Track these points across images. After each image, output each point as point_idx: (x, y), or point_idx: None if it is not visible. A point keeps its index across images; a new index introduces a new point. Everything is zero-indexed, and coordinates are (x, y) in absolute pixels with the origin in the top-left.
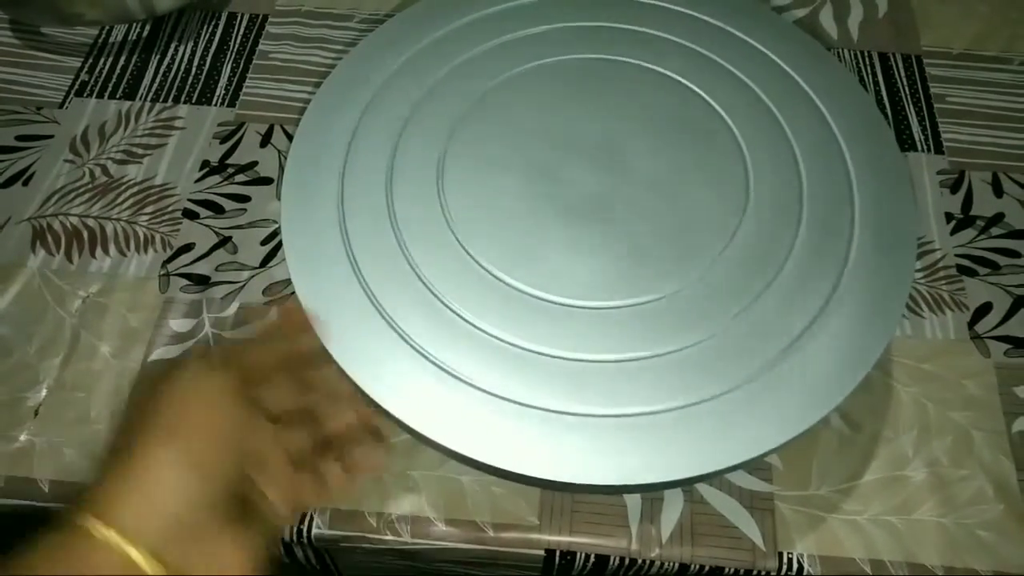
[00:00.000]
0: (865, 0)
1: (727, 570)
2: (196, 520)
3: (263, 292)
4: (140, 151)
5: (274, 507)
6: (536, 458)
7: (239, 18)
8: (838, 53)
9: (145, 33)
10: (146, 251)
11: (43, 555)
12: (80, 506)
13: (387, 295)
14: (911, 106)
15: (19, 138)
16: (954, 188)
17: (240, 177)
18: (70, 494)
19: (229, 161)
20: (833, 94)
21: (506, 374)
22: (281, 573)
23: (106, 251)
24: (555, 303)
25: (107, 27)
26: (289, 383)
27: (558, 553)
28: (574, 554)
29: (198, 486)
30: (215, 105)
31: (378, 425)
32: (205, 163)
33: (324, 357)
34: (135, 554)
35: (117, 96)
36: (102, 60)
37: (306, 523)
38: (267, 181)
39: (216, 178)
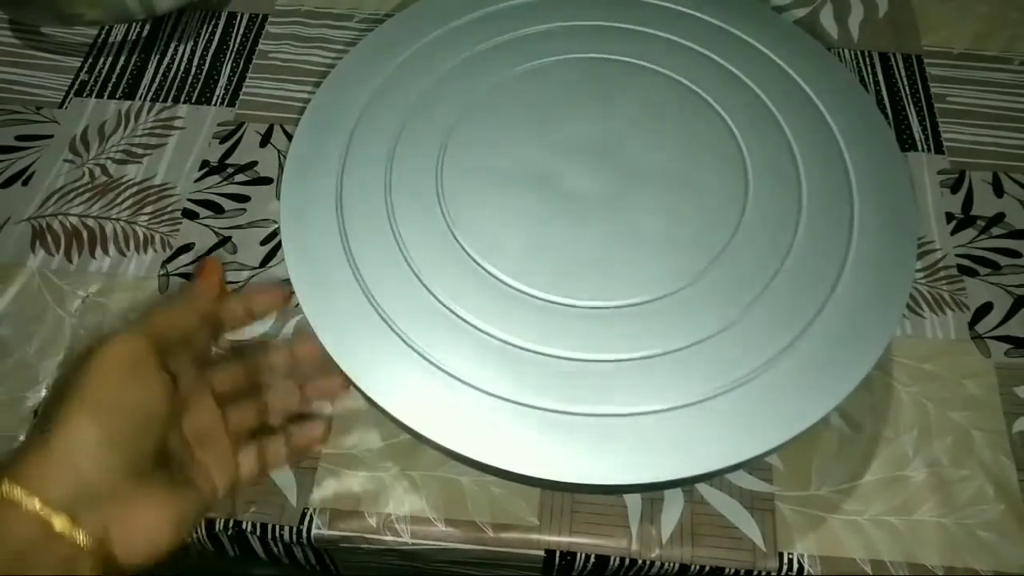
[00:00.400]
0: (865, 0)
1: (727, 570)
2: (115, 485)
3: None
4: (140, 151)
5: (210, 480)
6: (536, 458)
7: (239, 18)
8: (838, 53)
9: (145, 33)
10: (146, 251)
11: None
12: (0, 472)
13: (386, 295)
14: (911, 106)
15: (19, 138)
16: (954, 188)
17: (240, 177)
18: None
19: (229, 161)
20: (833, 94)
21: (506, 374)
22: (191, 558)
23: (106, 251)
24: (555, 303)
25: (107, 27)
26: (233, 363)
27: (558, 553)
28: (574, 554)
29: (114, 453)
30: (215, 105)
31: (335, 380)
32: (205, 163)
33: (246, 320)
34: (52, 517)
35: (117, 96)
36: (102, 60)
37: (306, 523)
38: (267, 181)
39: (216, 178)
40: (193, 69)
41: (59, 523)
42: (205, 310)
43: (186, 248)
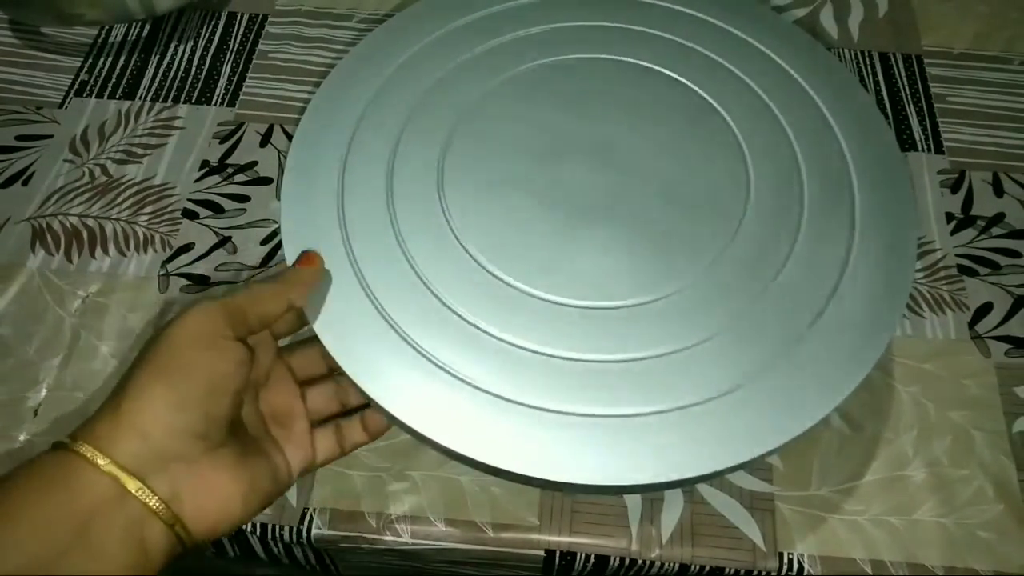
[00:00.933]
0: (865, 0)
1: (727, 570)
2: (184, 449)
3: None
4: (140, 151)
5: (285, 458)
6: (536, 458)
7: (239, 18)
8: (838, 53)
9: (145, 33)
10: (146, 251)
11: (34, 474)
12: (73, 434)
13: (387, 295)
14: (911, 106)
15: (19, 138)
16: (954, 188)
17: (240, 177)
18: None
19: (229, 161)
20: (833, 94)
21: (506, 374)
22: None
23: (106, 251)
24: (555, 303)
25: (107, 27)
26: (316, 346)
27: (558, 553)
28: (574, 554)
29: (183, 415)
30: (215, 105)
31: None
32: (205, 163)
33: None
34: (124, 478)
35: (117, 96)
36: (102, 60)
37: (306, 523)
38: (267, 181)
39: (216, 178)
40: (193, 69)
41: (130, 483)
42: (296, 296)
43: (186, 248)
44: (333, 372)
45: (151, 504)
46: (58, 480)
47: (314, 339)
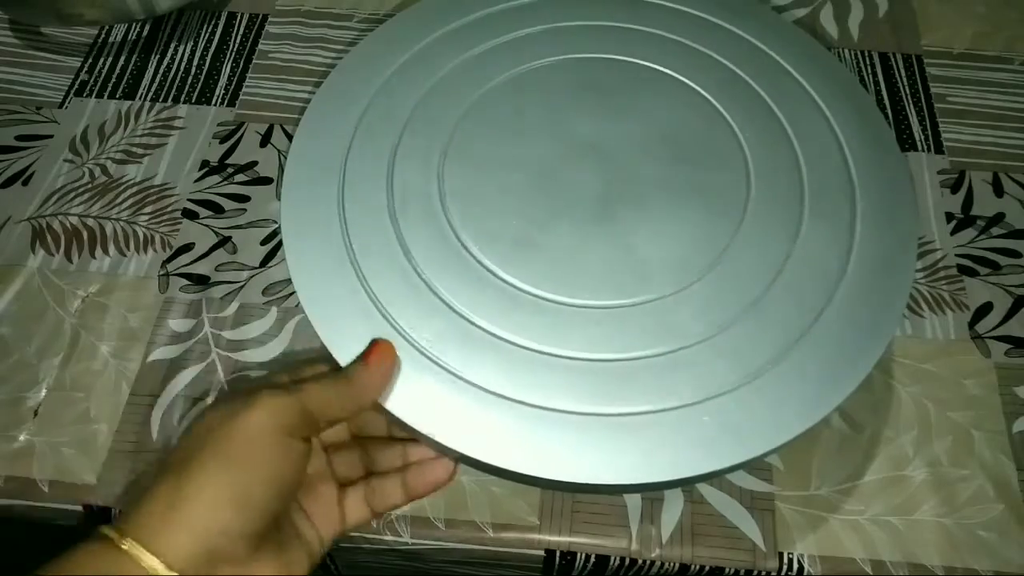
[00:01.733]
0: (865, 0)
1: (727, 570)
2: (235, 551)
3: (263, 292)
4: (140, 151)
5: (315, 529)
6: (536, 458)
7: (239, 18)
8: (838, 53)
9: (145, 33)
10: (146, 251)
11: (76, 568)
12: (118, 524)
13: (387, 294)
14: (911, 106)
15: (19, 138)
16: (954, 188)
17: (240, 177)
18: (69, 494)
19: (229, 161)
20: (833, 94)
21: (506, 373)
22: None
23: (106, 251)
24: (555, 302)
25: (107, 27)
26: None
27: (558, 553)
28: (574, 554)
29: (243, 517)
30: (215, 105)
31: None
32: (205, 163)
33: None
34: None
35: (117, 96)
36: (102, 60)
37: None
38: (267, 181)
39: (216, 178)
40: (193, 69)
41: None
42: (363, 404)
43: (186, 248)
44: (356, 439)
45: None
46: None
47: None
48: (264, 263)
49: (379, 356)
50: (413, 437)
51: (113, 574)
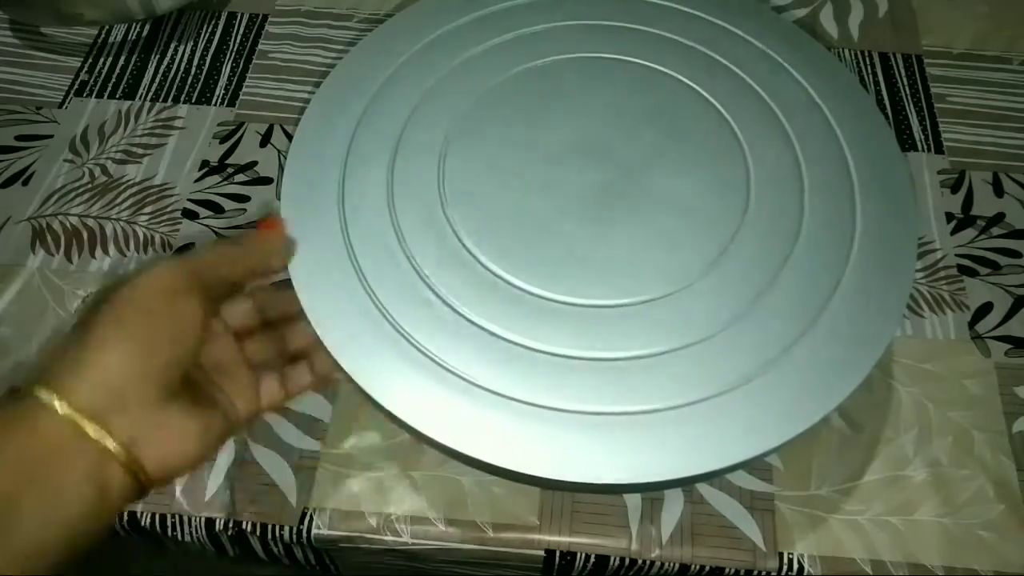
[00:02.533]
0: (865, 0)
1: (727, 570)
2: (144, 396)
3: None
4: (140, 151)
5: (234, 407)
6: (536, 458)
7: (239, 18)
8: (838, 53)
9: (145, 33)
10: (146, 251)
11: None
12: (31, 380)
13: (387, 293)
14: (911, 106)
15: (19, 138)
16: (955, 188)
17: (240, 177)
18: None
19: (229, 161)
20: (833, 94)
21: (506, 373)
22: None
23: (106, 251)
24: (555, 301)
25: (107, 27)
26: (248, 300)
27: (558, 553)
28: (574, 554)
29: (145, 364)
30: (215, 105)
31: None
32: (205, 163)
33: (285, 283)
34: (83, 422)
35: (117, 96)
36: (102, 60)
37: (306, 523)
38: (267, 181)
39: (216, 178)
40: (193, 69)
41: (89, 427)
42: (254, 265)
43: (186, 248)
44: (268, 323)
45: (110, 447)
46: (13, 425)
47: (247, 292)
48: None
49: (269, 223)
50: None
51: (18, 414)
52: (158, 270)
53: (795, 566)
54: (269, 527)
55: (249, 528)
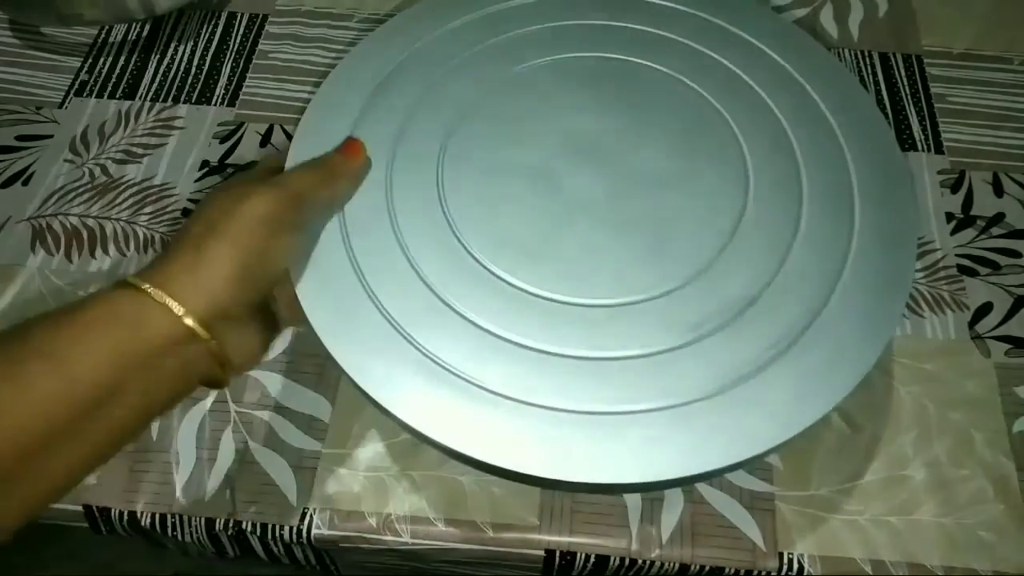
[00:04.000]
0: (865, 0)
1: (727, 570)
2: (237, 312)
3: None
4: (140, 151)
5: (280, 315)
6: (536, 458)
7: (239, 18)
8: (838, 53)
9: (145, 33)
10: (146, 251)
11: (103, 308)
12: (139, 275)
13: (388, 293)
14: (911, 106)
15: (19, 138)
16: (954, 188)
17: None
18: (70, 495)
19: (229, 161)
20: (833, 94)
21: (506, 372)
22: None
23: (106, 251)
24: (556, 300)
25: (107, 27)
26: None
27: (558, 553)
28: (574, 554)
29: (244, 288)
30: (215, 105)
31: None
32: (205, 163)
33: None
34: (187, 318)
35: (117, 96)
36: (102, 60)
37: (306, 523)
38: None
39: (216, 178)
40: (193, 69)
41: (201, 332)
42: (342, 191)
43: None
44: None
45: (210, 345)
46: (125, 319)
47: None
48: None
49: (350, 145)
50: None
51: (132, 310)
52: (264, 199)
53: (795, 566)
54: (269, 527)
55: (249, 528)
